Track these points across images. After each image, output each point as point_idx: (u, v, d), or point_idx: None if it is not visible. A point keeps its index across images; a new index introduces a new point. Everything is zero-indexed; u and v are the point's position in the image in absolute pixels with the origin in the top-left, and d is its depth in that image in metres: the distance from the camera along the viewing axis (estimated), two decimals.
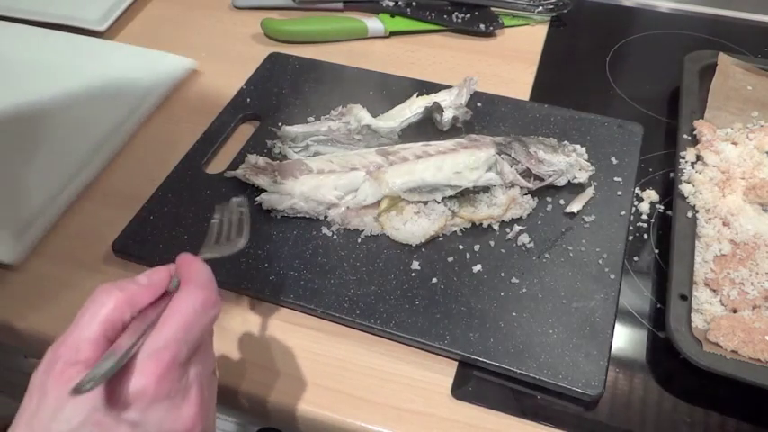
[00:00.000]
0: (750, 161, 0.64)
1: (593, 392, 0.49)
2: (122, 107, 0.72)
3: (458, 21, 0.85)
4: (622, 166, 0.65)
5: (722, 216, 0.59)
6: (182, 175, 0.65)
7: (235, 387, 0.52)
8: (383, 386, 0.52)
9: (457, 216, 0.60)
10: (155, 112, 0.73)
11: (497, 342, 0.52)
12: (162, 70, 0.76)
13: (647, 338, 0.55)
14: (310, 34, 0.84)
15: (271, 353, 0.53)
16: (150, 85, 0.74)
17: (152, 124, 0.73)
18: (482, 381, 0.52)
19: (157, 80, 0.75)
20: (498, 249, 0.58)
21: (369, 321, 0.53)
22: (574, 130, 0.68)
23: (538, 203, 0.62)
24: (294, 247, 0.59)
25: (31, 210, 0.61)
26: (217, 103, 0.72)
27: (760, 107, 0.70)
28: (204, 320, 0.39)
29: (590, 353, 0.51)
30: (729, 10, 0.88)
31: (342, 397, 0.51)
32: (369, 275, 0.56)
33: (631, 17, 0.90)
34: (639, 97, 0.77)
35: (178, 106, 0.75)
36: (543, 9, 0.86)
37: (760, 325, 0.51)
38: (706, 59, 0.74)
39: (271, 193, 0.61)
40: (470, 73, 0.72)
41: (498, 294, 0.55)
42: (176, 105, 0.75)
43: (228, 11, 0.90)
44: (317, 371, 0.52)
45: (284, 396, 0.51)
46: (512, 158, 0.62)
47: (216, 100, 0.73)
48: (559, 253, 0.58)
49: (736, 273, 0.55)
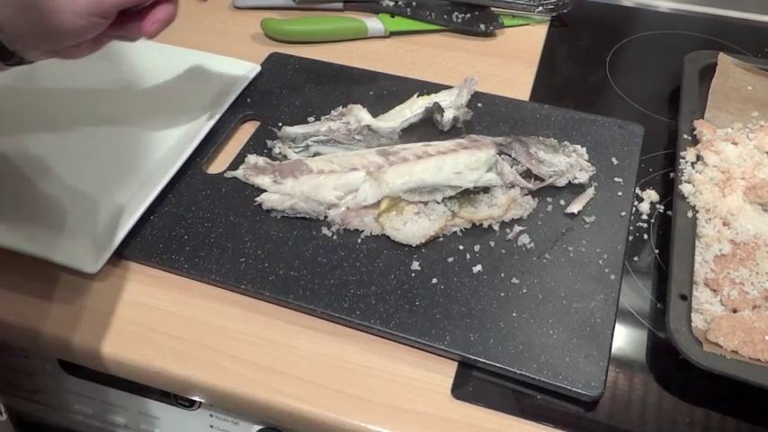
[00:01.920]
0: (750, 161, 0.64)
1: (593, 393, 0.49)
2: (197, 113, 0.71)
3: (458, 21, 0.85)
4: (623, 167, 0.65)
5: (722, 216, 0.59)
6: (182, 175, 0.65)
7: (234, 387, 0.52)
8: (383, 386, 0.52)
9: (457, 216, 0.60)
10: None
11: (497, 342, 0.52)
12: (232, 75, 0.75)
13: (647, 338, 0.55)
14: (310, 34, 0.84)
15: (270, 353, 0.53)
16: (223, 90, 0.73)
17: None
18: (482, 381, 0.52)
19: (229, 85, 0.73)
20: (498, 250, 0.58)
21: (369, 321, 0.53)
22: (574, 130, 0.68)
23: (538, 204, 0.62)
24: (294, 247, 0.59)
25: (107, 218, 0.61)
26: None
27: (760, 107, 0.70)
28: None
29: (590, 353, 0.51)
30: (729, 10, 0.88)
31: (342, 397, 0.51)
32: (369, 275, 0.56)
33: (631, 17, 0.90)
34: (639, 97, 0.77)
35: None
36: (543, 9, 0.86)
37: (760, 325, 0.51)
38: (706, 59, 0.74)
39: (271, 193, 0.61)
40: (470, 73, 0.73)
41: (498, 295, 0.55)
42: None
43: (228, 11, 0.90)
44: (316, 371, 0.52)
45: (284, 396, 0.51)
46: (512, 159, 0.62)
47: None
48: (560, 253, 0.58)
49: (736, 273, 0.55)
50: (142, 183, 0.64)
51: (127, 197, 0.62)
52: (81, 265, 0.57)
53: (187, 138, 0.68)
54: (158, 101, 0.62)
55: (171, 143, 0.68)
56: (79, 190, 0.64)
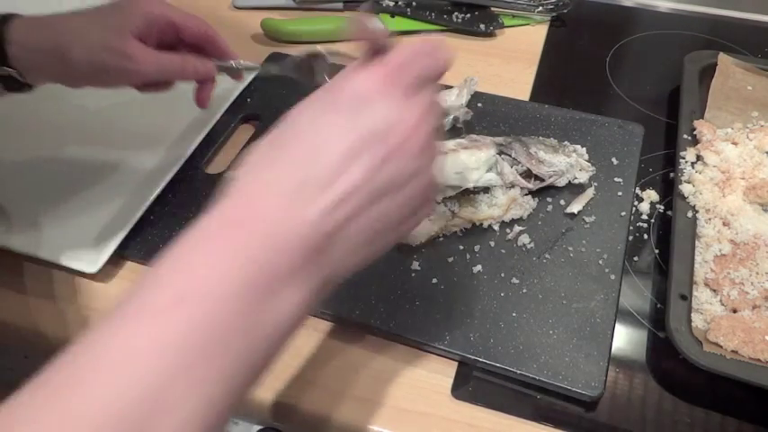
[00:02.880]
0: (750, 161, 0.64)
1: (594, 393, 0.49)
2: (197, 113, 0.69)
3: (458, 21, 0.85)
4: (623, 167, 0.65)
5: (722, 216, 0.59)
6: (182, 175, 0.65)
7: None
8: (383, 386, 0.52)
9: (457, 216, 0.60)
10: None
11: (497, 342, 0.52)
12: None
13: (647, 338, 0.55)
14: (310, 34, 0.84)
15: None
16: (223, 90, 0.72)
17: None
18: (482, 381, 0.52)
19: (227, 87, 0.73)
20: (498, 250, 0.58)
21: (369, 321, 0.53)
22: (574, 130, 0.68)
23: (538, 204, 0.62)
24: None
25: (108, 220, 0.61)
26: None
27: (760, 107, 0.70)
28: (428, 60, 0.39)
29: (590, 353, 0.51)
30: (729, 10, 0.88)
31: (342, 397, 0.51)
32: (369, 275, 0.56)
33: (631, 17, 0.90)
34: (639, 97, 0.77)
35: None
36: (543, 9, 0.86)
37: (760, 325, 0.51)
38: (706, 59, 0.74)
39: None
40: (470, 73, 0.72)
41: (498, 295, 0.55)
42: None
43: (228, 11, 0.90)
44: (316, 371, 0.52)
45: (284, 396, 0.51)
46: (512, 159, 0.62)
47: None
48: (560, 253, 0.58)
49: (736, 273, 0.55)
50: (142, 183, 0.64)
51: (127, 197, 0.62)
52: (81, 266, 0.57)
53: (187, 138, 0.68)
54: (158, 101, 0.62)
55: (171, 143, 0.68)
56: (79, 190, 0.64)
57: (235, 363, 0.30)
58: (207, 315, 0.29)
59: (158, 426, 0.27)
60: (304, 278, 0.33)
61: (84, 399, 0.27)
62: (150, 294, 0.30)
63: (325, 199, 0.33)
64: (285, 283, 0.32)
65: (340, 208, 0.34)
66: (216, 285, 0.30)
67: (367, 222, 0.35)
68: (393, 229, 0.38)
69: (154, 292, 0.30)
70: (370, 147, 0.35)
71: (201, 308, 0.30)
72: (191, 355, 0.28)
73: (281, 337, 0.33)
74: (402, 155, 0.36)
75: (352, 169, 0.34)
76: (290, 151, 0.35)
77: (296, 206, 0.33)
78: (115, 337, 0.29)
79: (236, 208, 0.34)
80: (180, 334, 0.29)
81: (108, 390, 0.27)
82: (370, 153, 0.35)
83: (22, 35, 0.54)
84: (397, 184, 0.36)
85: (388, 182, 0.35)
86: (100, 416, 0.26)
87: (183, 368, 0.28)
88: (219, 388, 0.29)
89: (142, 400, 0.27)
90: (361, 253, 0.37)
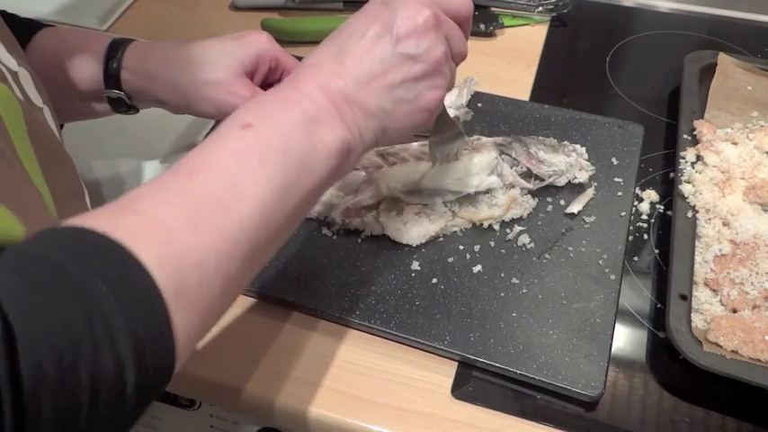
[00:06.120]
0: (750, 161, 0.64)
1: (594, 393, 0.49)
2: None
3: None
4: (623, 167, 0.65)
5: (722, 216, 0.59)
6: None
7: (235, 387, 0.52)
8: (383, 386, 0.52)
9: (457, 216, 0.60)
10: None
11: (497, 342, 0.52)
12: None
13: (647, 338, 0.55)
14: (310, 34, 0.84)
15: (270, 353, 0.53)
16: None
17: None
18: (482, 381, 0.52)
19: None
20: (498, 250, 0.58)
21: (369, 321, 0.53)
22: (574, 130, 0.68)
23: (538, 204, 0.62)
24: (294, 247, 0.59)
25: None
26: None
27: (760, 107, 0.70)
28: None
29: (590, 353, 0.51)
30: (729, 10, 0.88)
31: (342, 397, 0.51)
32: (369, 275, 0.56)
33: (631, 17, 0.89)
34: (639, 97, 0.77)
35: None
36: (543, 9, 0.86)
37: (760, 325, 0.51)
38: (706, 59, 0.74)
39: None
40: (470, 73, 0.72)
41: (498, 295, 0.55)
42: None
43: (228, 11, 0.90)
44: (316, 371, 0.52)
45: (284, 396, 0.51)
46: (512, 159, 0.62)
47: None
48: (560, 253, 0.58)
49: (736, 273, 0.55)
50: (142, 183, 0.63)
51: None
52: None
53: (187, 138, 0.68)
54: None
55: (171, 143, 0.68)
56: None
57: (289, 175, 0.39)
58: (272, 133, 0.39)
59: (237, 209, 0.36)
60: (342, 118, 0.42)
61: (192, 182, 0.36)
62: (235, 118, 0.40)
63: (348, 62, 0.44)
64: (328, 116, 0.41)
65: (361, 66, 0.44)
66: (281, 114, 0.40)
67: (386, 82, 0.44)
68: (413, 99, 0.45)
69: (238, 115, 0.40)
70: (387, 24, 0.44)
71: (268, 128, 0.40)
72: (256, 159, 0.38)
73: (325, 169, 0.41)
74: (416, 32, 0.44)
75: (373, 43, 0.44)
76: (331, 38, 0.47)
77: (331, 67, 0.44)
78: (211, 147, 0.39)
79: (296, 74, 0.44)
80: (251, 145, 0.38)
81: (211, 174, 0.37)
82: (386, 29, 0.44)
83: (137, 62, 0.57)
84: (411, 56, 0.44)
85: (404, 53, 0.44)
86: (200, 192, 0.36)
87: (251, 167, 0.37)
88: (276, 194, 0.38)
89: (224, 187, 0.36)
90: (389, 115, 0.44)
